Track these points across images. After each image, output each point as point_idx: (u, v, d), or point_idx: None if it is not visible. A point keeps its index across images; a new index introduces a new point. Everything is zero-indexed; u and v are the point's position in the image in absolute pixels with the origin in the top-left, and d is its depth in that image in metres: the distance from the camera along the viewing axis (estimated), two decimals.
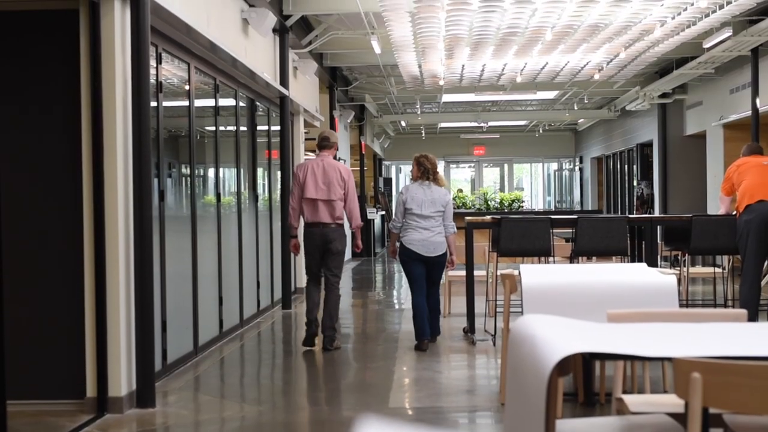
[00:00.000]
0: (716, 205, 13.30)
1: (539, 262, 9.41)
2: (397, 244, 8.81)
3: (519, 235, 8.49)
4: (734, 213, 9.26)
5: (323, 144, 8.85)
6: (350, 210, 8.66)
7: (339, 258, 8.73)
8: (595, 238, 8.48)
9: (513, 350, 3.18)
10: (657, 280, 4.91)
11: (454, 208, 9.99)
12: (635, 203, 21.45)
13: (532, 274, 5.06)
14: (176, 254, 7.77)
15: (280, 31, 11.60)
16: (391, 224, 8.88)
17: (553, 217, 8.88)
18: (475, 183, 34.64)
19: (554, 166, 35.24)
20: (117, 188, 6.23)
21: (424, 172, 8.78)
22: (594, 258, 9.41)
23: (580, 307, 4.62)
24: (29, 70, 6.40)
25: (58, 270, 6.38)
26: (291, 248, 9.31)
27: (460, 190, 29.49)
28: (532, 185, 37.32)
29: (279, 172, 12.33)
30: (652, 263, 8.66)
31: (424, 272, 8.74)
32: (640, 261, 9.11)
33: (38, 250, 6.39)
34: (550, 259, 8.79)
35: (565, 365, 2.72)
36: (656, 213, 19.82)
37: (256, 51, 10.46)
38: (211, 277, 8.97)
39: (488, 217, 9.29)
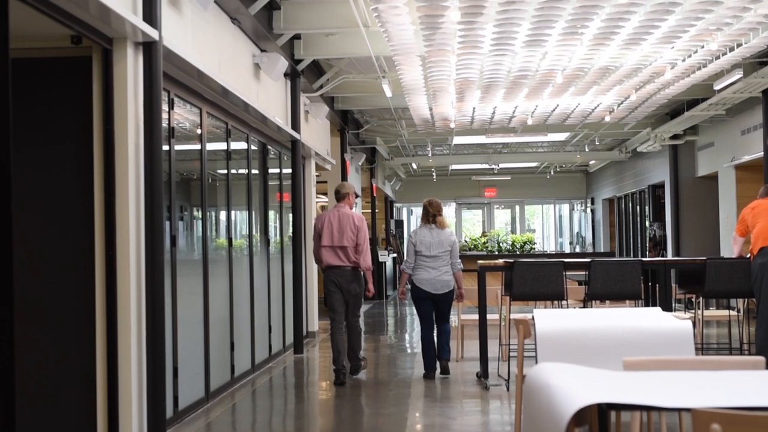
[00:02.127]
0: (729, 247, 13.22)
1: (552, 306, 9.37)
2: (407, 285, 9.67)
3: (532, 278, 8.45)
4: (748, 255, 9.20)
5: (337, 196, 9.81)
6: (358, 254, 9.49)
7: (357, 299, 9.62)
8: (608, 282, 8.43)
9: (529, 399, 3.13)
10: (672, 325, 4.86)
11: (467, 250, 10.98)
12: (648, 245, 21.37)
13: (546, 319, 5.01)
14: (188, 298, 7.75)
15: (292, 75, 11.65)
16: (404, 265, 9.70)
17: (565, 260, 8.84)
18: (486, 225, 34.59)
19: (566, 207, 35.19)
20: (129, 232, 6.22)
21: (427, 216, 9.62)
22: (607, 301, 9.34)
23: (595, 353, 4.57)
24: (43, 114, 6.42)
25: (70, 314, 6.36)
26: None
27: (484, 234, 29.42)
28: (544, 227, 37.25)
29: (291, 215, 12.33)
30: (667, 307, 8.60)
31: (433, 309, 9.57)
32: (654, 304, 9.05)
33: (50, 292, 6.37)
34: (564, 302, 8.73)
35: (581, 416, 2.68)
36: (669, 254, 19.73)
37: (267, 95, 10.51)
38: (222, 321, 8.94)
39: (501, 261, 9.25)
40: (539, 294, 8.58)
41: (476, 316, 9.39)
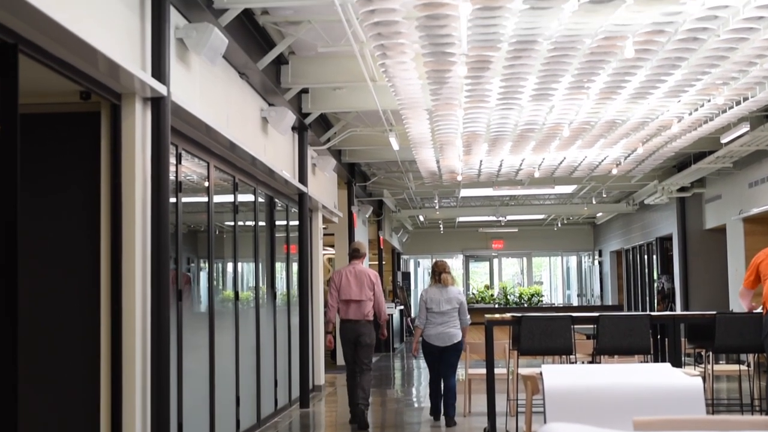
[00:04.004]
0: (738, 301, 13.13)
1: (560, 360, 9.30)
2: (420, 339, 10.26)
3: (539, 333, 8.39)
4: (760, 309, 9.10)
5: (354, 254, 10.62)
6: (378, 307, 10.26)
7: (369, 349, 10.26)
8: (617, 337, 8.37)
9: None
10: (682, 382, 4.80)
11: (475, 302, 11.69)
12: (656, 298, 21.27)
13: (555, 375, 4.96)
14: (194, 352, 7.70)
15: (299, 128, 11.70)
16: (417, 322, 10.37)
17: (573, 314, 8.78)
18: (493, 277, 34.52)
19: (573, 259, 35.12)
20: (135, 286, 6.20)
21: (434, 276, 10.38)
22: (616, 356, 9.27)
23: (605, 411, 4.52)
24: (52, 168, 6.43)
25: (74, 367, 6.31)
26: (326, 343, 10.90)
27: (487, 287, 29.37)
28: (552, 279, 37.15)
29: (297, 268, 12.30)
30: (676, 362, 8.52)
31: (440, 360, 10.19)
32: (663, 359, 8.97)
33: (55, 345, 6.34)
34: (572, 357, 8.67)
35: None
36: (678, 307, 19.62)
37: (275, 149, 10.55)
38: (228, 375, 8.88)
39: (508, 315, 9.20)
40: (547, 349, 8.52)
41: (484, 370, 9.32)
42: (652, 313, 9.71)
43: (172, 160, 7.02)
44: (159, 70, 6.24)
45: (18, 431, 4.75)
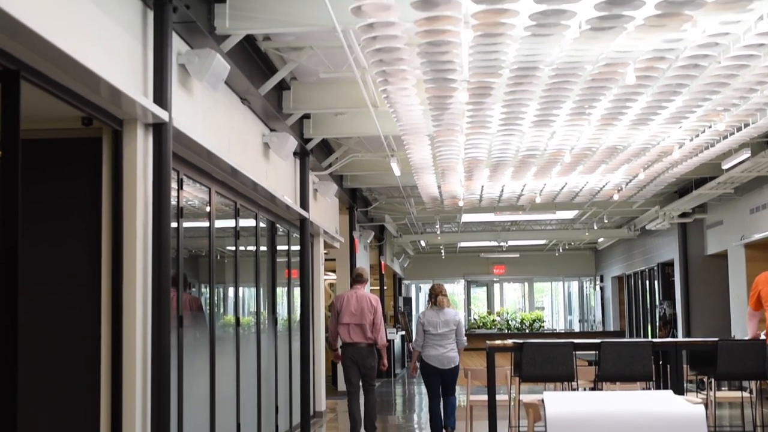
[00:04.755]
0: (741, 326, 13.12)
1: (562, 387, 9.26)
2: (418, 363, 10.46)
3: (541, 360, 8.37)
4: (763, 337, 9.08)
5: (357, 279, 10.92)
6: (377, 332, 10.50)
7: (372, 372, 10.61)
8: (619, 364, 8.34)
9: None
10: (685, 410, 4.79)
11: (476, 328, 12.01)
12: (658, 323, 21.21)
13: (557, 403, 4.94)
14: (194, 377, 7.67)
15: (301, 154, 11.71)
16: (414, 344, 10.54)
17: (575, 341, 8.76)
18: (495, 302, 34.47)
19: (575, 285, 35.07)
20: (136, 311, 6.18)
21: (431, 298, 10.59)
22: (618, 383, 9.23)
23: None
24: (53, 193, 6.43)
25: (74, 390, 6.29)
26: (334, 358, 11.22)
27: (489, 312, 29.33)
28: (553, 304, 37.09)
29: (299, 293, 12.28)
30: (678, 389, 8.48)
31: (440, 382, 10.41)
32: (665, 386, 8.93)
33: (55, 370, 6.31)
34: (574, 383, 8.63)
35: None
36: (680, 333, 19.58)
37: (276, 174, 10.55)
38: (229, 401, 8.84)
39: (510, 341, 9.17)
40: (549, 376, 8.50)
41: (485, 397, 9.28)
42: (654, 340, 9.69)
43: (174, 185, 7.02)
44: (161, 96, 6.25)
45: None
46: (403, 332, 23.89)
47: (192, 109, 7.27)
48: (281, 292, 11.81)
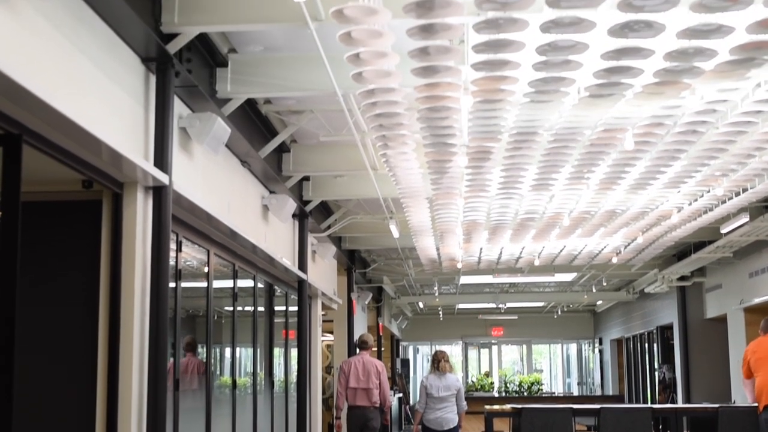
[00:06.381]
0: (741, 391, 13.02)
1: None
2: (420, 426, 10.82)
3: (540, 425, 8.30)
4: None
5: (363, 346, 11.43)
6: (383, 394, 11.12)
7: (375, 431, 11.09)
8: (619, 430, 8.27)
9: None
10: None
11: (474, 391, 12.31)
12: (658, 387, 21.07)
13: None
14: None
15: (300, 216, 11.71)
16: (418, 406, 10.98)
17: (575, 406, 8.70)
18: (493, 364, 34.26)
19: (574, 347, 34.89)
20: (132, 374, 6.12)
21: (434, 364, 10.98)
22: None
23: None
24: (52, 254, 6.41)
25: None
26: (336, 428, 11.44)
27: (487, 374, 29.15)
28: (552, 367, 36.86)
29: (296, 355, 12.20)
30: None
31: None
32: None
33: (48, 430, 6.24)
34: None
35: None
36: (679, 398, 19.43)
37: (275, 236, 10.54)
38: None
39: (508, 406, 9.11)
40: None
41: None
42: (654, 406, 9.64)
43: (172, 246, 7.01)
44: (161, 160, 6.26)
45: None
46: (401, 395, 23.71)
47: (192, 171, 7.28)
48: (278, 352, 11.75)
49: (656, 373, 21.92)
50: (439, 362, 10.90)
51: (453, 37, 5.55)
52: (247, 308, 10.05)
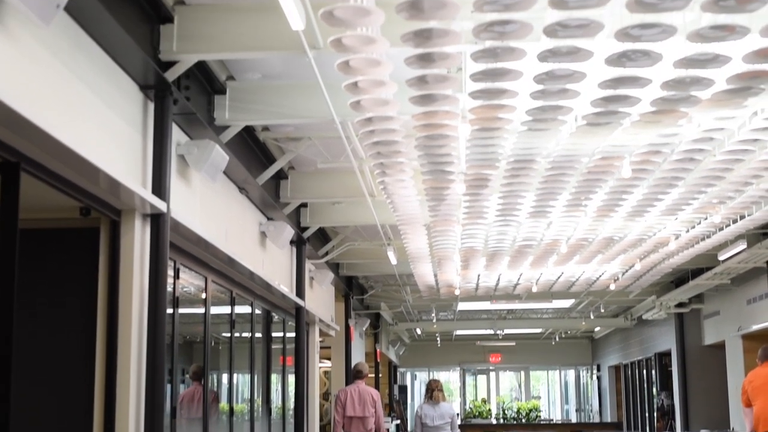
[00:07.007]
0: (740, 418, 13.00)
1: None
2: None
3: None
4: None
5: (358, 375, 11.48)
6: (378, 422, 11.25)
7: None
8: None
9: None
10: None
11: (472, 417, 12.31)
12: (656, 414, 20.99)
13: None
14: None
15: (298, 242, 11.71)
16: None
17: None
18: (491, 391, 34.13)
19: (571, 373, 34.78)
20: (129, 401, 6.10)
21: (428, 392, 11.04)
22: None
23: None
24: (50, 281, 6.40)
25: None
26: None
27: (484, 401, 29.06)
28: (550, 393, 36.71)
29: (294, 381, 12.17)
30: None
31: None
32: None
33: None
34: None
35: None
36: (678, 425, 19.36)
37: (273, 262, 10.53)
38: None
39: None
40: None
41: None
42: None
43: (170, 272, 6.99)
44: (159, 187, 6.25)
45: None
46: (398, 421, 23.60)
47: (190, 199, 7.28)
48: (276, 379, 11.72)
49: (655, 400, 21.84)
50: (432, 391, 11.03)
51: (451, 65, 5.57)
52: (245, 335, 10.02)
